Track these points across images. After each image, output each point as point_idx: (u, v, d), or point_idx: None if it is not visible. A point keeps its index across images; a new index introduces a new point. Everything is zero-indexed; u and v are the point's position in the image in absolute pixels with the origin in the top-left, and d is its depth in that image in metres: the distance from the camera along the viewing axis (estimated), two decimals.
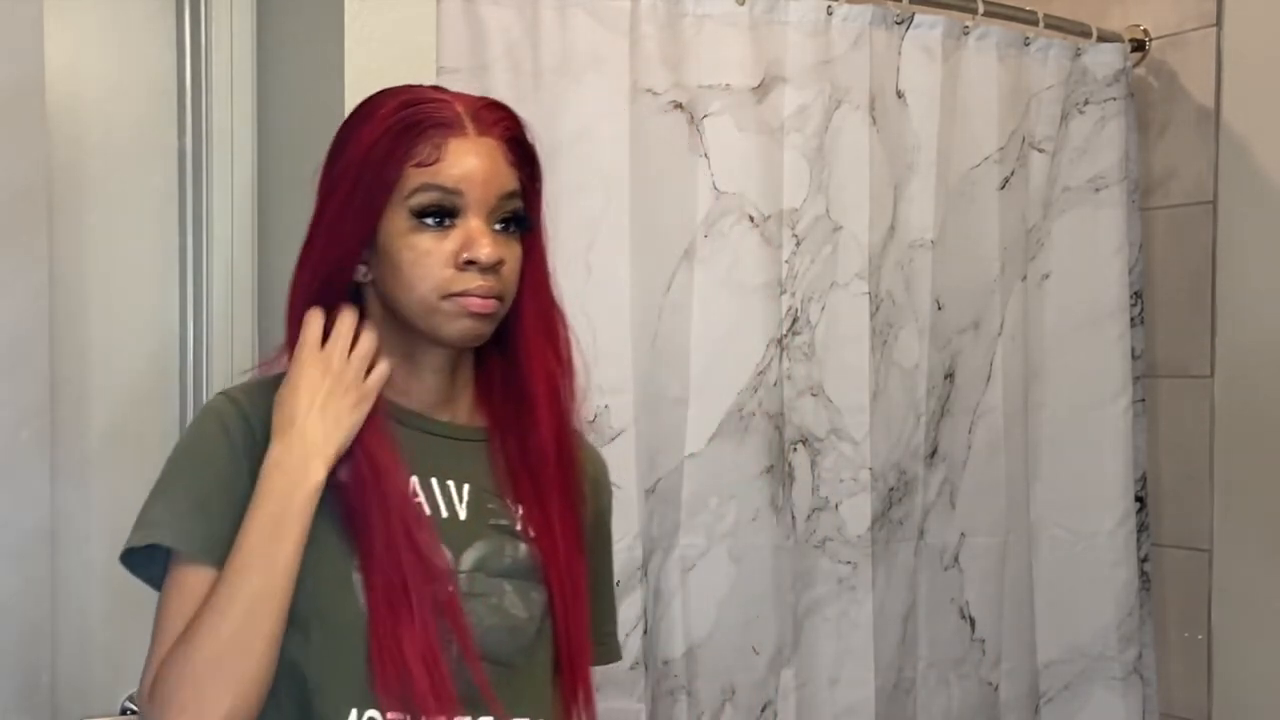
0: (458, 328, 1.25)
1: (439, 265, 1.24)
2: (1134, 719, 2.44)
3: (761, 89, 2.10)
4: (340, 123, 1.32)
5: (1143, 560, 2.47)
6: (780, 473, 2.12)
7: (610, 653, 1.49)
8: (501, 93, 1.89)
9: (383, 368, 1.26)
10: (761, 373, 2.10)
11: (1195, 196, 2.44)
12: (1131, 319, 2.45)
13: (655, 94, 2.02)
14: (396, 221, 1.25)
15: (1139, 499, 2.47)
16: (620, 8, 1.98)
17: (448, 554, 1.27)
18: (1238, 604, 2.39)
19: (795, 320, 2.14)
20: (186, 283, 1.96)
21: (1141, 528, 2.47)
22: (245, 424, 1.25)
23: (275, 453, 1.21)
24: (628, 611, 1.96)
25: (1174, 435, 2.48)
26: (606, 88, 1.97)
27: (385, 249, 1.25)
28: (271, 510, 1.19)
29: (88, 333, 1.88)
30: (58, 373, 1.75)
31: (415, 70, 1.80)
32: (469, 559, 1.28)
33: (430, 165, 1.24)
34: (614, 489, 1.98)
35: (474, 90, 1.85)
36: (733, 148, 2.08)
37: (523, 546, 1.31)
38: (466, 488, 1.31)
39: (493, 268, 1.24)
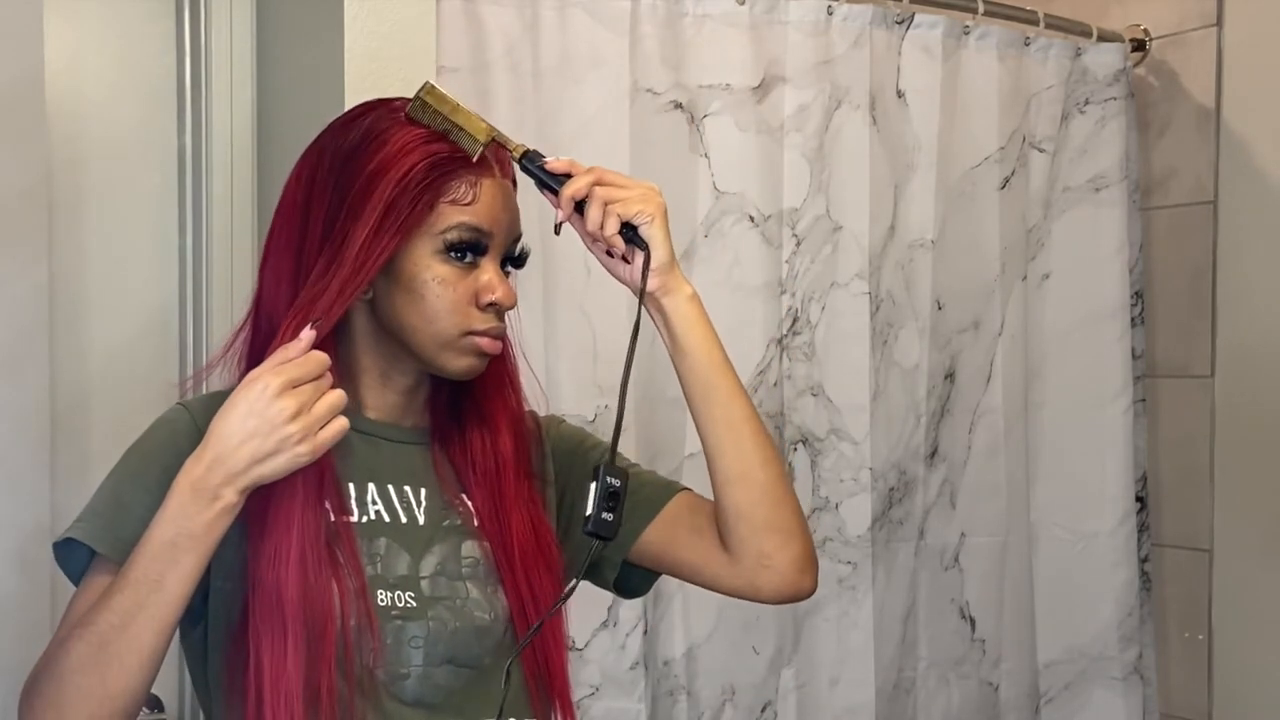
0: (465, 364, 1.27)
1: (462, 302, 1.25)
2: (1134, 719, 2.44)
3: (761, 89, 2.10)
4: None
5: (1143, 560, 2.47)
6: None
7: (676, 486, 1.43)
8: (501, 93, 1.90)
9: (341, 423, 1.17)
10: (762, 373, 2.10)
11: (1195, 196, 2.44)
12: (1131, 319, 2.45)
13: (655, 94, 2.02)
14: (422, 252, 1.25)
15: (1139, 499, 2.47)
16: (620, 8, 1.98)
17: (407, 558, 1.27)
18: (1238, 604, 2.39)
19: (795, 320, 2.14)
20: (186, 282, 1.96)
21: (1141, 528, 2.47)
22: (196, 437, 1.22)
23: (195, 470, 1.15)
24: (628, 612, 1.96)
25: (1174, 435, 2.48)
26: (606, 88, 1.97)
27: (405, 276, 1.25)
28: (172, 529, 1.14)
29: (88, 332, 1.88)
30: (58, 373, 1.75)
31: (415, 70, 1.79)
32: (429, 564, 1.28)
33: (467, 205, 1.25)
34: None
35: (474, 90, 1.88)
36: (733, 148, 2.08)
37: (479, 548, 1.31)
38: (423, 491, 1.31)
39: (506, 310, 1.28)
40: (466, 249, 1.25)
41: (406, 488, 1.30)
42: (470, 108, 1.27)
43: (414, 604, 1.25)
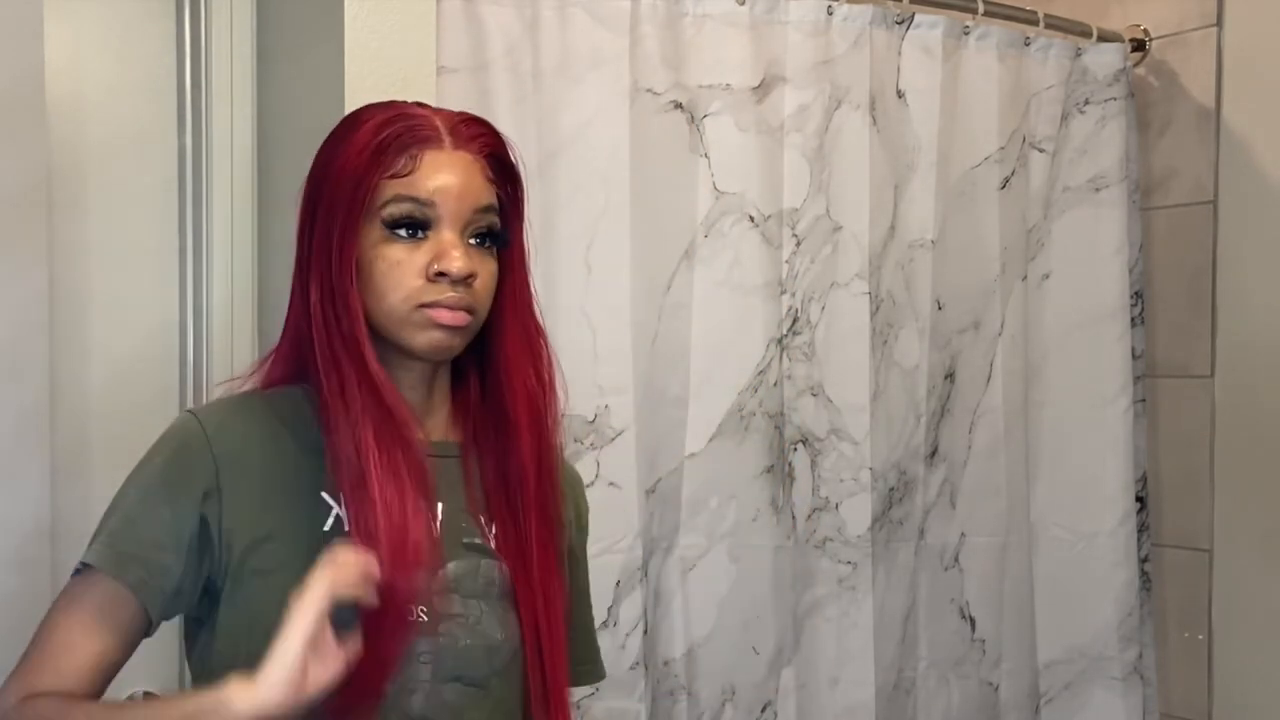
0: (427, 339, 1.24)
1: (410, 275, 1.23)
2: (1134, 719, 2.44)
3: (761, 89, 2.10)
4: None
5: (1143, 560, 2.47)
6: (780, 473, 2.12)
7: (596, 674, 1.50)
8: (501, 93, 1.90)
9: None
10: (761, 373, 2.10)
11: (1195, 196, 2.44)
12: (1131, 319, 2.45)
13: (655, 94, 2.02)
14: (370, 233, 1.24)
15: (1139, 499, 2.47)
16: (620, 8, 1.97)
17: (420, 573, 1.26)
18: (1238, 604, 2.39)
19: (795, 320, 2.14)
20: (186, 283, 1.96)
21: (1141, 528, 2.47)
22: (205, 452, 1.23)
23: (232, 705, 1.10)
24: (628, 612, 1.96)
25: (1174, 435, 2.48)
26: (606, 88, 1.97)
27: (363, 262, 1.24)
28: None
29: (88, 333, 1.88)
30: (58, 373, 1.75)
31: (415, 70, 1.79)
32: (442, 580, 1.26)
33: (404, 177, 1.23)
34: (614, 489, 1.99)
35: (474, 90, 1.88)
36: (733, 148, 2.08)
37: (497, 566, 1.29)
38: (441, 506, 1.29)
39: (464, 280, 1.23)
40: (407, 223, 1.23)
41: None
42: None
43: (425, 619, 1.24)
